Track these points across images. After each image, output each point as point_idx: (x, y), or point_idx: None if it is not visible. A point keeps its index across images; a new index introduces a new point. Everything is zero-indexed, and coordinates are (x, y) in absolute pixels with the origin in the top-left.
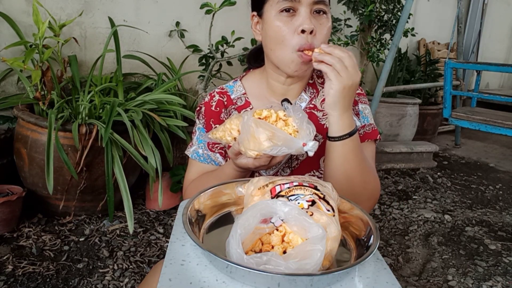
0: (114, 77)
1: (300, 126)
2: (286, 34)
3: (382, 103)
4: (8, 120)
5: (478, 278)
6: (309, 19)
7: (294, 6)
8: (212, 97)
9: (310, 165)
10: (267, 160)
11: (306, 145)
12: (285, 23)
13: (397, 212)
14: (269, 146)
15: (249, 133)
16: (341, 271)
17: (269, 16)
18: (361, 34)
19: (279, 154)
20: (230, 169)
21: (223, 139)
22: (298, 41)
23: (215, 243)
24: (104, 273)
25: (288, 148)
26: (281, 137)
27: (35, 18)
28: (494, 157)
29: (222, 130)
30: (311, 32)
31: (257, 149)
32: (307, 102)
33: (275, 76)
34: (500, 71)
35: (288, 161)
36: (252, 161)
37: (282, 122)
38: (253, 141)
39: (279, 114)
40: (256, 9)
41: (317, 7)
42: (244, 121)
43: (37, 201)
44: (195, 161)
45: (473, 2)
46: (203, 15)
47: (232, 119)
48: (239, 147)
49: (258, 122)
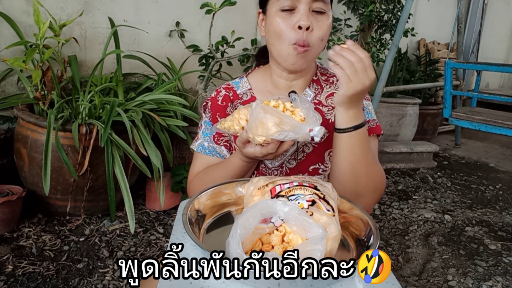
0: (114, 77)
1: (307, 114)
2: (284, 29)
3: (382, 103)
4: (8, 120)
5: (478, 278)
6: (306, 16)
7: (294, 5)
8: (218, 92)
9: (316, 158)
10: (274, 147)
11: (312, 130)
12: (284, 19)
13: (397, 212)
14: (277, 131)
15: (257, 119)
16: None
17: (271, 13)
18: (361, 34)
19: (286, 139)
20: (237, 160)
21: (231, 128)
22: (294, 36)
23: (215, 243)
24: (104, 273)
25: (295, 133)
26: (288, 123)
27: (36, 18)
28: (494, 157)
29: (231, 120)
30: (307, 28)
31: (265, 134)
32: (311, 97)
33: (278, 72)
34: (500, 71)
35: (294, 153)
36: (260, 149)
37: (289, 113)
38: (261, 127)
39: (286, 105)
40: (262, 7)
41: (316, 6)
42: (253, 108)
43: (37, 201)
44: (200, 154)
45: (473, 2)
46: (203, 15)
47: (240, 109)
48: (247, 134)
49: (266, 108)
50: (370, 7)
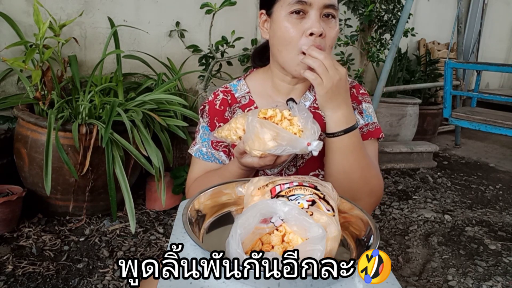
0: (114, 77)
1: (305, 126)
2: (294, 36)
3: (382, 103)
4: (8, 120)
5: (478, 278)
6: (318, 22)
7: (305, 9)
8: (216, 95)
9: (315, 164)
10: (272, 159)
11: (310, 145)
12: (294, 25)
13: (397, 212)
14: (274, 146)
15: (253, 133)
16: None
17: (279, 17)
18: (361, 34)
19: (284, 154)
20: (235, 168)
21: (228, 138)
22: (305, 43)
23: (215, 243)
24: (104, 273)
25: (292, 147)
26: (285, 137)
27: (36, 18)
28: (494, 157)
29: (227, 129)
30: (320, 35)
31: (262, 149)
32: (311, 101)
33: (280, 76)
34: (500, 71)
35: (293, 160)
36: (257, 161)
37: (287, 122)
38: (258, 141)
39: (284, 114)
40: (265, 8)
41: (327, 11)
42: (249, 121)
43: (37, 201)
44: (198, 159)
45: (473, 2)
46: (203, 15)
47: (237, 118)
48: (244, 147)
49: (263, 123)
50: (370, 7)
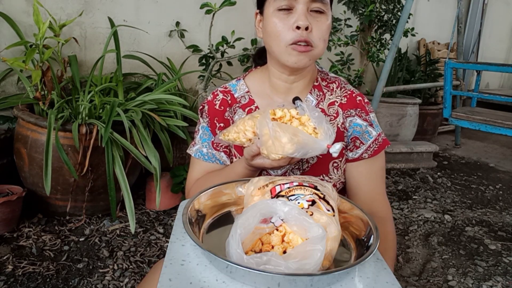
0: (114, 77)
1: (319, 126)
2: (281, 30)
3: (382, 103)
4: (8, 120)
5: (478, 278)
6: (304, 16)
7: (291, 4)
8: (215, 96)
9: (320, 169)
10: (287, 160)
11: (331, 147)
12: (281, 20)
13: (397, 212)
14: (294, 150)
15: (273, 136)
16: (341, 271)
17: (268, 13)
18: (361, 34)
19: (305, 157)
20: (241, 168)
21: (237, 140)
22: (292, 37)
23: (215, 243)
24: (104, 273)
25: (313, 150)
26: (305, 140)
27: (36, 18)
28: (494, 157)
29: (235, 131)
30: (306, 28)
31: (282, 152)
32: (314, 105)
33: (277, 74)
34: (500, 71)
35: (299, 163)
36: (270, 162)
37: (296, 121)
38: (278, 145)
39: (291, 113)
40: (259, 7)
41: (315, 6)
42: (265, 124)
43: (37, 201)
44: (198, 160)
45: (473, 2)
46: (203, 15)
47: (245, 120)
48: (261, 150)
49: (281, 125)
50: (370, 7)
